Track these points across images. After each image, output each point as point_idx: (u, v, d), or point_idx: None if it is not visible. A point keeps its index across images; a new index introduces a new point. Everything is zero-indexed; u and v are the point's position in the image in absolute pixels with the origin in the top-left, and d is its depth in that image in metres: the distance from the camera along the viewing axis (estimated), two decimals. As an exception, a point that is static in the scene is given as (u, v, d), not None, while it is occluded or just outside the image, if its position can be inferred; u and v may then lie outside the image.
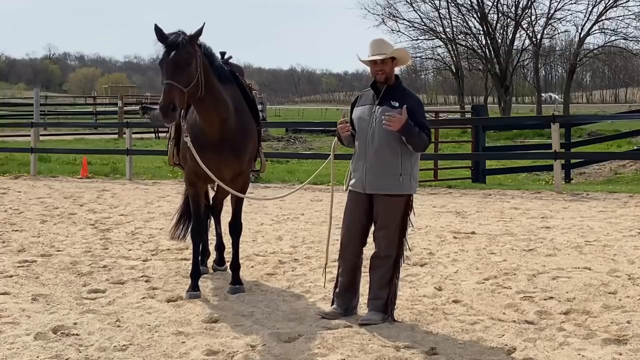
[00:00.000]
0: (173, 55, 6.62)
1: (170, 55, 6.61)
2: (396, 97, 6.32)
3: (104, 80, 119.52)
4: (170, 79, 6.55)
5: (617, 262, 8.68)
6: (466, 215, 12.47)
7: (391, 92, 6.37)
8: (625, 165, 22.90)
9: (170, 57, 6.61)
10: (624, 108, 68.28)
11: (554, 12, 54.07)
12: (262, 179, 17.18)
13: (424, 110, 6.45)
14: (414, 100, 6.37)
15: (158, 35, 6.69)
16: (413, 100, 6.35)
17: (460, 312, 6.70)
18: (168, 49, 6.64)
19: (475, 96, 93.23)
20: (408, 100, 6.29)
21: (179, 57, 6.63)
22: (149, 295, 7.33)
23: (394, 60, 6.39)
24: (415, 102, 6.35)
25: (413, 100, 6.34)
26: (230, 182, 7.54)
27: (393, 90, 6.38)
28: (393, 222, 6.35)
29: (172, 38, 6.68)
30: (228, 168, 7.36)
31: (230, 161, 7.31)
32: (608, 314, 6.60)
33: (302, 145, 32.74)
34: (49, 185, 17.42)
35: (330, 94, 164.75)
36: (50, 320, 6.39)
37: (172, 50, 6.63)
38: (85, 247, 9.81)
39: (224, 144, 7.21)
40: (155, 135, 34.94)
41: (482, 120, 19.39)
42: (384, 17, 55.05)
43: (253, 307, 6.93)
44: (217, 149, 7.19)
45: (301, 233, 10.87)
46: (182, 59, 6.64)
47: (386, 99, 6.34)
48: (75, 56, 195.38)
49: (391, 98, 6.32)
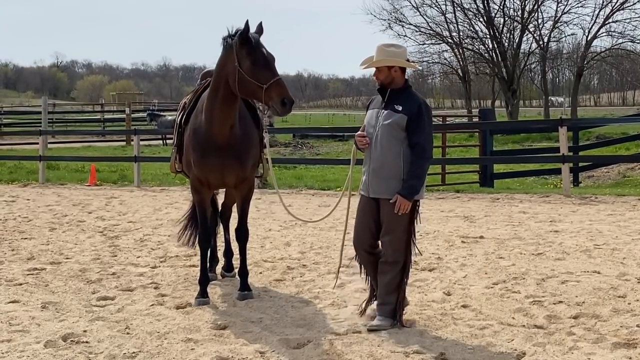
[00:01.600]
0: (267, 52, 6.82)
1: (265, 52, 6.80)
2: (401, 101, 6.32)
3: (111, 87, 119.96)
4: (278, 75, 6.75)
5: (627, 265, 8.66)
6: (474, 220, 12.45)
7: (396, 96, 6.37)
8: (633, 168, 22.83)
9: (266, 53, 6.80)
10: (632, 111, 68.07)
11: (560, 15, 53.96)
12: (270, 185, 17.17)
13: (426, 116, 6.32)
14: (417, 105, 6.31)
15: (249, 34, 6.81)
16: (415, 105, 6.30)
17: (469, 317, 6.69)
18: (260, 46, 6.80)
19: (483, 100, 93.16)
20: (408, 105, 6.28)
21: (272, 55, 6.87)
22: (158, 302, 7.34)
23: (391, 68, 6.37)
24: (417, 108, 6.29)
25: (415, 106, 6.29)
26: (234, 188, 7.57)
27: (398, 94, 6.38)
28: (399, 227, 6.34)
29: (256, 35, 6.84)
30: (232, 174, 7.37)
31: (234, 167, 7.33)
32: (617, 317, 6.58)
33: (309, 151, 32.76)
34: (57, 193, 17.48)
35: (337, 99, 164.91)
36: (59, 328, 6.41)
37: (262, 47, 6.82)
38: (94, 254, 9.83)
39: (228, 149, 7.23)
40: (162, 142, 35.02)
41: (489, 124, 19.37)
42: (390, 22, 55.02)
43: (262, 313, 6.93)
44: (222, 155, 7.22)
45: (309, 239, 10.87)
46: (273, 57, 6.87)
47: (391, 102, 6.36)
48: (82, 64, 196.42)
49: (396, 102, 6.34)
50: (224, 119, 7.13)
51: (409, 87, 6.50)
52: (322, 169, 23.61)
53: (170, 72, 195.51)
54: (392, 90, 6.39)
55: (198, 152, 7.26)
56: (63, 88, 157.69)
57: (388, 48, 6.45)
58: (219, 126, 7.15)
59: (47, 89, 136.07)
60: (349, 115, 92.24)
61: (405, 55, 6.52)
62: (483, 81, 69.73)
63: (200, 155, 7.25)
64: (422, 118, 6.29)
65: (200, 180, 7.42)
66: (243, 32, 6.77)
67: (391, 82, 6.40)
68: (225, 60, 6.95)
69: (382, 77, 6.39)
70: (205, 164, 7.26)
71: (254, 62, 6.71)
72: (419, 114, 6.28)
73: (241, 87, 6.83)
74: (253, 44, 6.75)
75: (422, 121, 6.28)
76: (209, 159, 7.22)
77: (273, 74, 6.69)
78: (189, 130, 7.41)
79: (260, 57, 6.73)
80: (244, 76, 6.77)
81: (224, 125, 7.16)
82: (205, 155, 7.22)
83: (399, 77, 6.42)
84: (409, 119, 6.24)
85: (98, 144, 35.74)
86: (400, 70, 6.42)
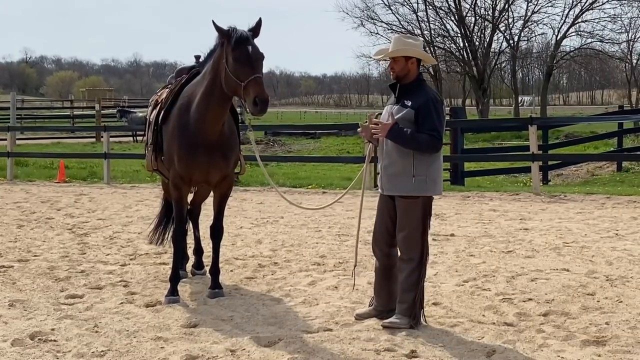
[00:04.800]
0: (252, 49, 6.69)
1: (249, 49, 6.67)
2: (411, 96, 6.25)
3: (81, 83, 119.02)
4: (258, 72, 6.62)
5: (595, 263, 8.74)
6: (445, 218, 12.50)
7: (407, 91, 6.30)
8: (602, 167, 23.11)
9: (250, 50, 6.67)
10: (601, 110, 68.79)
11: (530, 14, 54.51)
12: (241, 182, 17.12)
13: (435, 110, 6.20)
14: (425, 98, 6.20)
15: (221, 31, 6.75)
16: (424, 99, 6.19)
17: (440, 315, 6.70)
18: (244, 42, 6.67)
19: (454, 98, 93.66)
20: (417, 99, 6.20)
21: (258, 51, 6.73)
22: (128, 300, 7.28)
23: (409, 59, 6.29)
24: (425, 101, 6.18)
25: (423, 99, 6.19)
26: (214, 185, 7.53)
27: (410, 89, 6.30)
28: (411, 224, 6.27)
29: (242, 33, 6.71)
30: (217, 171, 7.33)
31: (219, 164, 7.29)
32: (587, 315, 6.64)
33: (281, 148, 32.73)
34: (25, 190, 17.28)
35: (309, 96, 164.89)
36: (27, 326, 6.33)
37: (247, 44, 6.68)
38: (62, 252, 9.72)
39: (216, 147, 7.19)
40: (133, 139, 34.78)
41: (460, 123, 19.43)
42: (362, 19, 55.26)
43: (232, 311, 6.90)
44: (210, 153, 7.17)
45: (281, 236, 10.85)
46: (260, 53, 6.75)
47: (402, 98, 6.30)
48: (52, 59, 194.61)
49: (406, 97, 6.27)
50: (217, 118, 7.07)
51: (422, 81, 6.40)
52: (294, 166, 23.59)
53: (141, 69, 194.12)
54: (403, 86, 6.31)
55: (185, 150, 7.17)
56: (32, 84, 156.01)
57: (406, 39, 6.42)
58: (212, 124, 7.09)
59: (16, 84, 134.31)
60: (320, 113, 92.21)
61: (422, 48, 6.42)
62: (454, 80, 70.16)
63: (187, 152, 7.17)
64: (430, 111, 6.17)
65: (183, 177, 7.34)
66: (231, 29, 6.73)
67: (406, 75, 6.30)
68: (218, 58, 6.91)
69: (398, 69, 6.29)
70: (192, 162, 7.18)
71: (236, 59, 6.66)
72: (427, 107, 6.17)
73: (225, 83, 6.80)
74: (237, 40, 6.69)
75: (430, 114, 6.16)
76: (196, 156, 7.16)
77: (253, 72, 6.61)
78: (173, 127, 7.31)
79: (242, 54, 6.66)
80: (227, 72, 6.75)
81: (216, 124, 7.10)
82: (193, 153, 7.15)
83: (414, 70, 6.32)
84: (416, 113, 6.15)
85: (67, 140, 35.42)
86: (417, 63, 6.34)
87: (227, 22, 6.93)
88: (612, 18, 52.92)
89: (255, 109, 6.52)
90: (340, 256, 9.33)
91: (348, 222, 12.08)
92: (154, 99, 8.24)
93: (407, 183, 6.24)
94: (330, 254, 9.50)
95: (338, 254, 9.50)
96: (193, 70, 7.62)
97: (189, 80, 7.50)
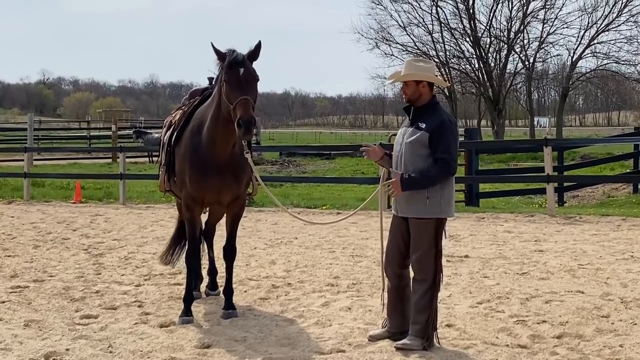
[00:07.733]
0: (243, 71, 6.73)
1: (241, 72, 6.72)
2: (425, 118, 6.26)
3: (98, 104, 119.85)
4: (246, 95, 6.63)
5: (610, 285, 8.69)
6: (459, 239, 12.47)
7: (421, 113, 6.31)
8: (618, 189, 22.98)
9: (241, 73, 6.72)
10: (617, 131, 68.57)
11: (546, 36, 54.35)
12: (256, 203, 17.17)
13: (449, 133, 6.20)
14: (439, 121, 6.20)
15: (219, 54, 6.83)
16: (437, 121, 6.20)
17: (454, 337, 6.69)
18: (236, 65, 6.73)
19: (469, 119, 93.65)
20: (431, 122, 6.20)
21: (249, 74, 6.77)
22: (142, 321, 7.31)
23: (420, 83, 6.32)
24: (439, 123, 6.19)
25: (437, 122, 6.19)
26: (227, 206, 7.56)
27: (424, 111, 6.31)
28: (423, 245, 6.28)
29: (236, 55, 6.77)
30: (228, 192, 7.37)
31: (231, 185, 7.33)
32: (601, 337, 6.60)
33: (295, 169, 32.78)
34: (42, 210, 17.40)
35: (324, 117, 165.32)
36: (42, 347, 6.36)
37: (239, 67, 6.73)
38: (78, 272, 9.78)
39: (227, 168, 7.22)
40: (149, 160, 34.96)
41: (475, 144, 19.46)
42: (377, 40, 55.19)
43: (246, 332, 6.91)
44: (221, 174, 7.21)
45: (294, 257, 10.86)
46: (251, 76, 6.78)
47: (416, 120, 6.31)
48: (69, 81, 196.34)
49: (420, 119, 6.28)
50: (226, 139, 7.09)
51: (435, 103, 6.42)
52: (309, 187, 23.63)
53: (157, 90, 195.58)
54: (417, 108, 6.34)
55: (197, 171, 7.22)
56: (49, 105, 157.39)
57: (417, 63, 6.43)
58: (222, 146, 7.14)
59: (33, 105, 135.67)
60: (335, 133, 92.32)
61: (434, 71, 6.45)
62: (469, 101, 70.06)
63: (199, 174, 7.21)
64: (445, 134, 6.18)
65: (194, 198, 7.39)
66: (228, 52, 6.80)
67: (418, 98, 6.34)
68: (219, 80, 6.99)
69: (409, 92, 6.33)
70: (203, 183, 7.23)
71: (227, 81, 6.74)
72: (441, 130, 6.17)
73: (222, 105, 6.88)
74: (229, 63, 6.76)
75: (444, 137, 6.16)
76: (208, 177, 7.20)
77: (241, 93, 6.64)
78: (184, 149, 7.36)
79: (233, 76, 6.72)
80: (222, 95, 6.84)
81: (226, 145, 7.14)
82: (205, 174, 7.20)
83: (427, 93, 6.34)
84: (430, 135, 6.16)
85: (84, 161, 35.62)
86: (428, 86, 6.35)
87: (246, 45, 6.99)
88: (628, 39, 52.68)
89: (240, 131, 6.56)
90: (354, 277, 9.32)
91: (362, 242, 12.08)
92: (168, 120, 8.31)
93: (422, 205, 6.24)
94: (344, 275, 9.50)
95: (352, 275, 9.49)
96: (206, 92, 7.69)
97: (202, 101, 7.58)
